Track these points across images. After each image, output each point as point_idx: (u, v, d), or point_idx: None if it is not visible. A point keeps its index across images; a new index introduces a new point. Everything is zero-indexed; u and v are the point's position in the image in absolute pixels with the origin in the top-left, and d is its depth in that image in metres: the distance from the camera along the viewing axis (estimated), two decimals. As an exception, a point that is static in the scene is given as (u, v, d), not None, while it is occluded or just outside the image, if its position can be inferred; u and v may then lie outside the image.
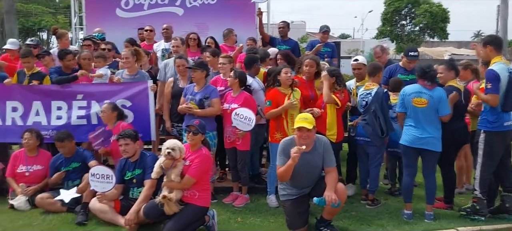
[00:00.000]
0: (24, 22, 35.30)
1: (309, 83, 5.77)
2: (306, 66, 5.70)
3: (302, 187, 4.66)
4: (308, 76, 5.74)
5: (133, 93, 6.08)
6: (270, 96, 5.43)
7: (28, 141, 5.69)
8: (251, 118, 5.27)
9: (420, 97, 4.96)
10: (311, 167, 4.53)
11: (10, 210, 5.34)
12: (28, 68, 6.31)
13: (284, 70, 5.41)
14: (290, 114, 5.33)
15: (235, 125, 5.34)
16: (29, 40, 8.11)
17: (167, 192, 4.53)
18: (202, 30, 8.16)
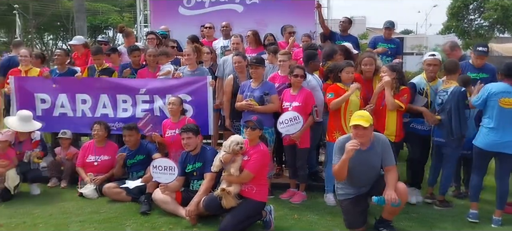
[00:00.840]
0: (92, 20, 37.17)
1: (367, 82, 5.58)
2: (364, 64, 5.53)
3: (360, 186, 4.57)
4: (366, 75, 5.56)
5: (193, 88, 6.25)
6: (332, 90, 5.34)
7: (98, 132, 6.03)
8: (295, 116, 5.26)
9: (509, 97, 4.69)
10: (369, 165, 4.43)
11: (79, 198, 5.67)
12: (98, 65, 6.75)
13: (346, 69, 5.32)
14: (349, 111, 5.24)
15: (286, 132, 5.36)
16: (100, 37, 8.57)
17: (226, 186, 4.62)
18: (261, 26, 8.21)
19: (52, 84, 6.53)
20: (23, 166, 5.80)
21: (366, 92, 5.51)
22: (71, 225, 4.73)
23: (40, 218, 4.93)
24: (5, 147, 5.64)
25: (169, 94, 6.21)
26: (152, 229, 4.66)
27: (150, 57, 6.61)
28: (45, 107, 6.50)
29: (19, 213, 5.09)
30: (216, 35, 8.13)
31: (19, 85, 6.47)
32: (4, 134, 5.65)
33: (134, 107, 6.38)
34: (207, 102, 6.23)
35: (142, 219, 4.93)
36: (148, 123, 5.95)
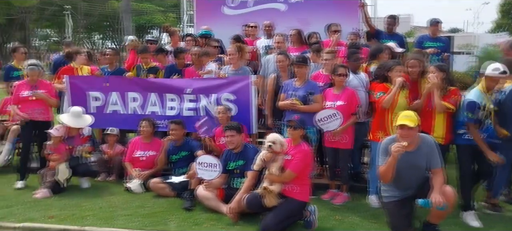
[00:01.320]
0: (137, 20, 38.19)
1: (413, 84, 5.38)
2: (410, 67, 5.34)
3: (405, 189, 4.45)
4: (412, 77, 5.35)
5: (237, 87, 6.30)
6: (381, 88, 5.21)
7: (144, 128, 6.21)
8: (333, 113, 5.20)
9: None
10: (414, 167, 4.30)
11: (126, 192, 5.85)
12: (145, 64, 6.96)
13: (396, 68, 5.17)
14: (395, 113, 5.13)
15: (325, 129, 5.31)
16: (149, 37, 8.83)
17: (267, 185, 4.63)
18: (304, 25, 8.15)
19: (104, 83, 6.77)
20: (73, 160, 6.04)
21: (412, 94, 5.35)
22: (117, 218, 4.89)
23: (88, 210, 5.13)
24: (57, 142, 5.91)
25: (214, 94, 6.33)
26: (194, 225, 4.74)
27: (194, 55, 6.73)
28: (98, 105, 6.74)
29: (69, 205, 5.32)
30: (259, 35, 8.15)
31: (73, 83, 6.75)
32: (57, 130, 5.91)
33: (181, 106, 6.52)
34: (250, 101, 6.26)
35: (185, 215, 5.02)
36: (204, 124, 6.05)
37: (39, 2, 38.04)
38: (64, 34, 43.54)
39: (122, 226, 4.66)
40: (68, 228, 4.60)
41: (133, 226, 4.67)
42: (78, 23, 42.97)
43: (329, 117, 5.26)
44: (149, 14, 41.24)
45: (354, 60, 5.80)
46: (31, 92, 6.07)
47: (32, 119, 6.10)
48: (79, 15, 42.02)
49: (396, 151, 4.08)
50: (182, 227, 4.69)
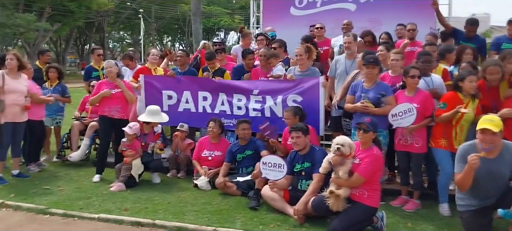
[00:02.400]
0: (206, 22, 39.27)
1: (491, 90, 5.09)
2: (490, 74, 5.03)
3: (484, 198, 4.18)
4: (492, 84, 5.07)
5: (304, 89, 6.25)
6: (446, 99, 5.02)
7: (212, 129, 6.36)
8: (410, 107, 5.00)
9: None
10: (496, 176, 4.04)
11: (194, 189, 6.02)
12: (211, 68, 7.18)
13: (468, 78, 4.91)
14: (460, 124, 4.89)
15: (397, 125, 5.13)
16: (215, 38, 9.10)
17: (334, 188, 4.54)
18: (375, 25, 7.95)
19: (177, 82, 7.01)
20: (146, 156, 6.32)
21: (491, 101, 5.06)
22: (187, 214, 5.04)
23: (160, 205, 5.33)
24: (132, 138, 6.21)
25: (280, 95, 6.33)
26: (260, 224, 4.77)
27: (261, 57, 6.79)
28: (172, 103, 7.00)
29: (142, 199, 5.56)
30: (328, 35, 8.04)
31: (148, 83, 7.06)
32: (131, 128, 6.21)
33: (248, 106, 6.61)
34: (319, 103, 6.19)
35: (251, 214, 5.06)
36: (266, 129, 6.08)
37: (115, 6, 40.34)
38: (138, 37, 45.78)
39: (191, 221, 4.79)
40: (141, 221, 4.81)
41: (202, 222, 4.79)
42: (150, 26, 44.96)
43: (404, 112, 5.05)
44: (216, 16, 42.22)
45: (422, 62, 5.55)
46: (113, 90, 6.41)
47: (111, 117, 6.45)
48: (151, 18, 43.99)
49: (473, 163, 3.88)
50: (249, 226, 4.73)
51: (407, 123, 5.07)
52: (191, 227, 4.66)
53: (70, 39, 41.71)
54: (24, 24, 29.17)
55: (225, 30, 47.00)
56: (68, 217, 4.99)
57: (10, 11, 29.87)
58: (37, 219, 4.98)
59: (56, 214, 5.06)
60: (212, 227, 4.64)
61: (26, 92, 6.29)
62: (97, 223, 4.85)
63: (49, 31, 33.18)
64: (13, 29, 29.75)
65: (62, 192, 5.84)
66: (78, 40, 45.31)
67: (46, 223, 4.86)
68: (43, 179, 6.39)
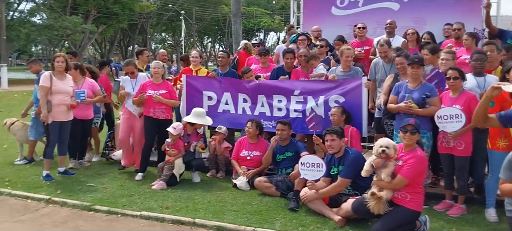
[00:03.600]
0: (246, 23, 39.46)
1: None
2: None
3: (536, 207, 3.97)
4: None
5: (347, 89, 6.17)
6: (495, 98, 4.77)
7: (249, 129, 6.39)
8: (458, 113, 4.80)
9: None
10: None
11: (233, 188, 6.06)
12: None
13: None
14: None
15: (442, 128, 4.96)
16: (254, 39, 9.12)
17: (376, 190, 4.45)
18: (419, 25, 7.73)
19: (218, 84, 7.07)
20: (188, 155, 6.42)
21: None
22: (226, 213, 5.07)
23: (200, 204, 5.40)
24: (175, 139, 6.31)
25: (322, 96, 6.27)
26: (300, 226, 4.74)
27: (301, 57, 6.74)
28: (211, 104, 7.06)
29: (182, 197, 5.65)
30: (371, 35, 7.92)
31: (189, 83, 7.15)
32: (175, 128, 6.32)
33: (288, 106, 6.57)
34: (362, 104, 6.09)
35: (290, 215, 5.04)
36: (312, 120, 6.10)
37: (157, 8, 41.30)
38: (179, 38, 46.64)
39: (230, 221, 4.82)
40: (181, 219, 4.88)
41: (241, 222, 4.80)
42: (191, 27, 45.69)
43: (452, 116, 4.87)
44: (256, 17, 42.35)
45: (474, 61, 5.34)
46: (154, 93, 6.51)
47: (155, 117, 6.57)
48: (192, 20, 44.70)
49: None
50: (288, 227, 4.71)
51: (452, 128, 4.89)
52: (230, 226, 4.70)
53: (114, 40, 43.08)
54: (70, 26, 30.35)
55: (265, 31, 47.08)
56: (112, 214, 5.13)
57: (58, 13, 31.21)
58: (82, 215, 5.15)
59: (100, 211, 5.22)
60: (251, 227, 4.65)
61: (72, 92, 6.53)
62: (139, 220, 4.96)
63: (94, 33, 34.36)
64: (60, 31, 31.04)
65: (106, 189, 6.02)
66: (121, 41, 46.72)
67: (91, 220, 5.02)
68: (88, 177, 6.61)
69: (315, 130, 6.01)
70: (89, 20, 33.54)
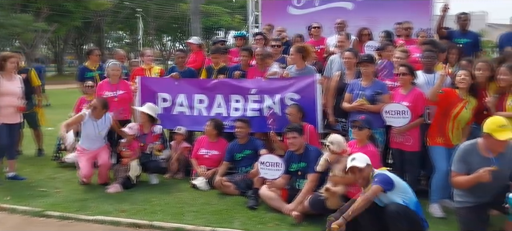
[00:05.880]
0: (205, 21, 39.13)
1: (481, 90, 5.05)
2: (477, 69, 5.02)
3: (482, 195, 4.18)
4: (479, 80, 5.01)
5: (301, 87, 6.26)
6: (441, 95, 5.01)
7: (207, 127, 6.37)
8: (404, 110, 4.99)
9: None
10: (497, 176, 3.99)
11: (192, 189, 6.00)
12: (215, 64, 7.11)
13: (459, 72, 4.94)
14: (457, 120, 4.90)
15: (388, 123, 5.14)
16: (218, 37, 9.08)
17: (330, 186, 4.56)
18: (372, 24, 7.95)
19: (175, 83, 6.96)
20: (144, 157, 6.30)
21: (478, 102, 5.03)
22: (185, 214, 5.02)
23: (158, 206, 5.32)
24: (130, 139, 6.19)
25: (278, 94, 6.33)
26: (259, 224, 4.77)
27: (257, 56, 6.76)
28: (166, 106, 6.94)
29: (139, 200, 5.54)
30: (324, 35, 8.05)
31: (144, 84, 7.00)
32: (131, 128, 6.20)
33: (245, 106, 6.58)
34: (316, 101, 6.19)
35: (250, 214, 5.06)
36: (271, 116, 6.18)
37: (113, 6, 40.30)
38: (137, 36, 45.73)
39: (189, 222, 4.78)
40: (138, 222, 4.78)
41: (200, 222, 4.77)
42: (149, 25, 44.89)
43: (399, 112, 5.07)
44: (216, 16, 42.11)
45: (424, 58, 5.56)
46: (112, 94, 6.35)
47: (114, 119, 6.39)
48: (150, 17, 43.92)
49: (485, 178, 3.88)
50: (247, 225, 4.72)
51: (398, 124, 5.09)
52: (189, 227, 4.66)
53: (68, 39, 41.68)
54: (21, 25, 29.15)
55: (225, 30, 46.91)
56: (65, 220, 4.96)
57: (7, 11, 29.83)
58: (33, 222, 4.95)
59: (52, 217, 5.03)
60: (210, 228, 4.63)
61: (20, 94, 6.28)
62: (93, 225, 4.83)
63: (47, 31, 33.14)
64: (10, 30, 29.69)
65: (58, 194, 5.82)
66: (76, 40, 45.28)
67: (42, 226, 4.85)
68: (39, 181, 6.36)
69: (273, 127, 6.07)
70: (41, 18, 32.27)
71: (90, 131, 6.19)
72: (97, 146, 6.24)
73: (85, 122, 6.19)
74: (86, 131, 6.21)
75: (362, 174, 4.12)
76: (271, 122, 6.13)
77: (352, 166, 4.13)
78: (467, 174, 4.10)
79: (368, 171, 4.12)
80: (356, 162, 4.11)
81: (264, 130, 6.39)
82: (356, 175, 4.15)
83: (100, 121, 6.21)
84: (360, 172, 4.12)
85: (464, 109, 4.90)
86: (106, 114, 6.25)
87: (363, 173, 4.11)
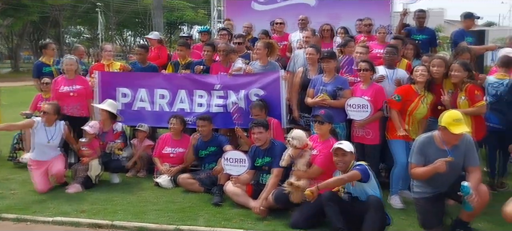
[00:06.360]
0: (169, 16, 38.50)
1: (437, 86, 5.23)
2: (432, 66, 5.19)
3: (438, 186, 4.35)
4: (435, 77, 5.19)
5: (266, 83, 6.27)
6: (400, 91, 5.16)
7: (174, 125, 6.26)
8: (365, 104, 5.11)
9: None
10: (452, 167, 4.17)
11: (155, 187, 5.91)
12: (182, 58, 7.01)
13: (416, 68, 5.11)
14: (413, 117, 5.09)
15: (351, 116, 5.25)
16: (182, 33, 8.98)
17: (294, 180, 4.60)
18: (334, 20, 8.06)
19: (134, 79, 6.81)
20: (105, 156, 6.14)
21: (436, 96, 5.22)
22: (148, 213, 4.95)
23: (119, 205, 5.21)
24: (91, 138, 6.01)
25: (243, 90, 6.32)
26: (224, 220, 4.76)
27: (220, 52, 6.71)
28: (126, 102, 6.78)
29: (100, 200, 5.41)
30: (287, 30, 8.09)
31: (103, 79, 6.81)
32: (91, 127, 6.02)
33: (209, 102, 6.52)
34: (280, 97, 6.21)
35: (215, 210, 5.04)
36: (235, 111, 6.16)
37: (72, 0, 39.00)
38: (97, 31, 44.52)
39: (152, 221, 4.71)
40: (98, 222, 4.68)
41: (163, 221, 4.72)
42: (110, 20, 43.79)
43: (360, 106, 5.19)
44: (180, 10, 41.56)
45: (386, 54, 5.70)
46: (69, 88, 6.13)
47: (70, 115, 6.21)
48: (110, 12, 42.82)
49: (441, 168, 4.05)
50: (212, 222, 4.70)
51: (359, 117, 5.21)
52: (151, 226, 4.60)
53: (24, 34, 40.03)
54: (-28, 19, 27.80)
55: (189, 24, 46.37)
56: (21, 222, 4.78)
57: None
58: (-13, 225, 4.75)
59: (7, 219, 4.83)
60: (174, 226, 4.59)
61: None
62: (52, 227, 4.69)
63: (0, 26, 31.72)
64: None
65: (14, 195, 5.59)
66: (32, 35, 43.56)
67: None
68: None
69: (239, 122, 6.06)
70: (-6, 12, 30.89)
71: (42, 139, 5.85)
72: (50, 157, 5.90)
73: (36, 130, 5.88)
74: (38, 139, 5.87)
75: (344, 158, 4.31)
76: (236, 117, 6.11)
77: (338, 147, 4.32)
78: (424, 165, 4.26)
79: (350, 158, 4.33)
80: (342, 145, 4.34)
81: (229, 126, 6.37)
82: (338, 157, 4.34)
83: (52, 128, 5.91)
84: (343, 156, 4.31)
85: (421, 104, 5.07)
86: (60, 122, 5.98)
87: (346, 157, 4.30)
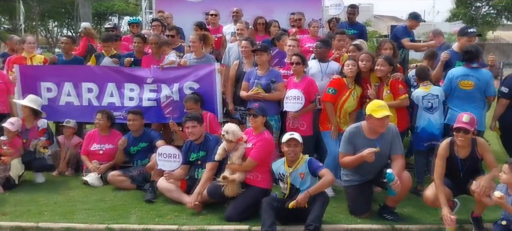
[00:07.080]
0: (97, 6, 36.93)
1: (364, 81, 5.42)
2: (361, 60, 5.38)
3: (366, 174, 4.60)
4: (362, 70, 5.39)
5: (200, 76, 6.19)
6: (333, 84, 5.33)
7: (99, 121, 6.01)
8: (299, 95, 5.23)
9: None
10: (379, 156, 4.38)
11: (84, 186, 5.67)
12: (107, 51, 6.76)
13: (347, 62, 5.30)
14: (344, 109, 5.30)
15: (286, 108, 5.35)
16: (107, 24, 8.62)
17: (228, 174, 4.62)
18: (267, 13, 8.12)
19: (58, 72, 6.49)
20: (28, 155, 5.78)
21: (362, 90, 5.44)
22: (77, 213, 4.74)
23: (45, 206, 4.95)
24: (12, 136, 5.63)
25: (176, 83, 6.19)
26: (157, 217, 4.67)
27: (152, 44, 6.55)
28: (51, 96, 6.44)
29: (23, 201, 5.11)
30: (223, 22, 8.07)
31: (24, 73, 6.40)
32: (12, 124, 5.63)
33: (141, 96, 6.33)
34: (215, 90, 6.16)
35: (147, 207, 4.94)
36: (169, 105, 6.06)
37: (-11, -13, 36.17)
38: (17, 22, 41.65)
39: (81, 220, 4.53)
40: (22, 225, 4.43)
41: (93, 220, 4.54)
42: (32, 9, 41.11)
43: (294, 97, 5.28)
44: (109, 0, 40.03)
45: (318, 47, 5.84)
46: None
47: None
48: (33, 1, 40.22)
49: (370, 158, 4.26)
50: (145, 219, 4.60)
51: (293, 108, 5.31)
52: (80, 226, 4.42)
53: None
54: None
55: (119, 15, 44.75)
56: None
57: None
58: None
59: None
60: (104, 225, 4.44)
61: None
62: (-32, 233, 4.37)
63: None
64: None
65: None
66: None
67: None
68: None
69: (172, 116, 5.97)
70: None
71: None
72: None
73: None
74: None
75: (296, 149, 4.45)
76: (169, 111, 5.99)
77: (291, 137, 4.43)
78: (353, 154, 4.46)
79: (300, 149, 4.49)
80: (295, 136, 4.47)
81: (162, 120, 6.25)
82: (291, 147, 4.45)
83: None
84: (295, 146, 4.44)
85: (351, 97, 5.28)
86: None
87: (297, 148, 4.45)
